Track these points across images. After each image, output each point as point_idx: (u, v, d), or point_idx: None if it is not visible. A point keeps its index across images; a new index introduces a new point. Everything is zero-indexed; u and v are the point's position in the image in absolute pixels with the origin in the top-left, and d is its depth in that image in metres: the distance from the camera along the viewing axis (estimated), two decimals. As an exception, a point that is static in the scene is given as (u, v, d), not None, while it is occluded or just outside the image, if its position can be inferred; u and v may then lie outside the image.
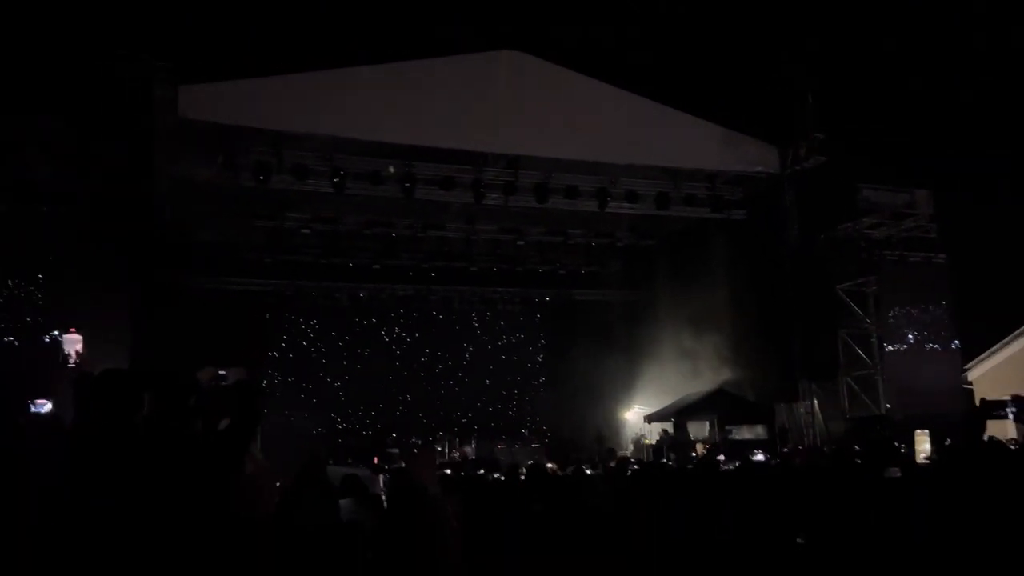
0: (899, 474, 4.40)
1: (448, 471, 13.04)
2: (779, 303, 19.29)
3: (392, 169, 17.07)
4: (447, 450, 20.61)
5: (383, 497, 5.77)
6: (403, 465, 15.35)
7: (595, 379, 23.00)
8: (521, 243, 21.86)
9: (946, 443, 13.30)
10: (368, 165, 17.12)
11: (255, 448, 4.87)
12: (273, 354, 22.93)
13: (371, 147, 16.79)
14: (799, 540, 3.30)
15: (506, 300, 24.41)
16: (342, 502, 5.46)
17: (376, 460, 17.59)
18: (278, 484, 7.54)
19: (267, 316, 22.62)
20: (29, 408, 8.50)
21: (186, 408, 3.46)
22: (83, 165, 13.49)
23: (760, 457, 14.84)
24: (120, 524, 2.94)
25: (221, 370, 3.83)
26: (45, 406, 8.35)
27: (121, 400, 3.26)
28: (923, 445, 13.34)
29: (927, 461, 11.64)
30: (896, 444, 12.32)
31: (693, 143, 18.55)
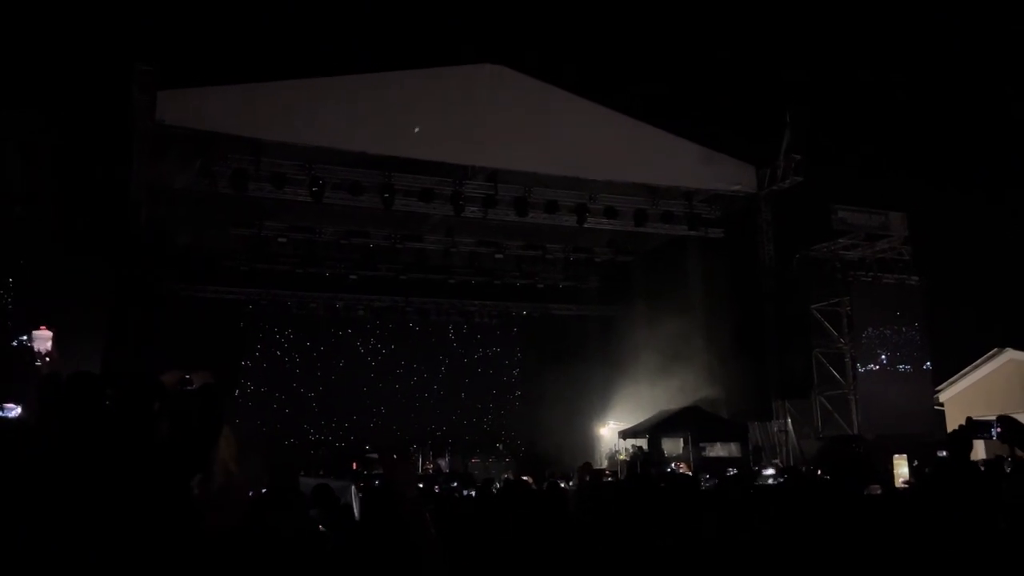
0: (879, 491, 4.42)
1: (420, 485, 12.93)
2: (754, 321, 19.41)
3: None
4: (421, 463, 20.45)
5: (354, 507, 5.70)
6: (380, 472, 15.26)
7: (571, 394, 22.99)
8: (499, 256, 21.85)
9: (915, 465, 13.45)
10: (347, 175, 17.05)
11: (229, 457, 4.81)
12: (247, 363, 22.68)
13: (350, 157, 16.73)
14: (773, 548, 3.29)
15: (483, 313, 24.37)
16: (311, 512, 5.40)
17: (355, 466, 17.43)
18: (250, 494, 7.43)
19: (241, 324, 22.39)
20: (-2, 411, 8.35)
21: (151, 412, 3.40)
22: (59, 166, 13.33)
23: (733, 471, 14.83)
24: (81, 531, 2.87)
25: (187, 374, 3.77)
26: (14, 410, 8.19)
27: (86, 404, 3.20)
28: (901, 469, 13.43)
29: (905, 485, 11.72)
30: (873, 463, 12.40)
31: (672, 161, 18.69)
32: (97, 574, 2.79)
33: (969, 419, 4.58)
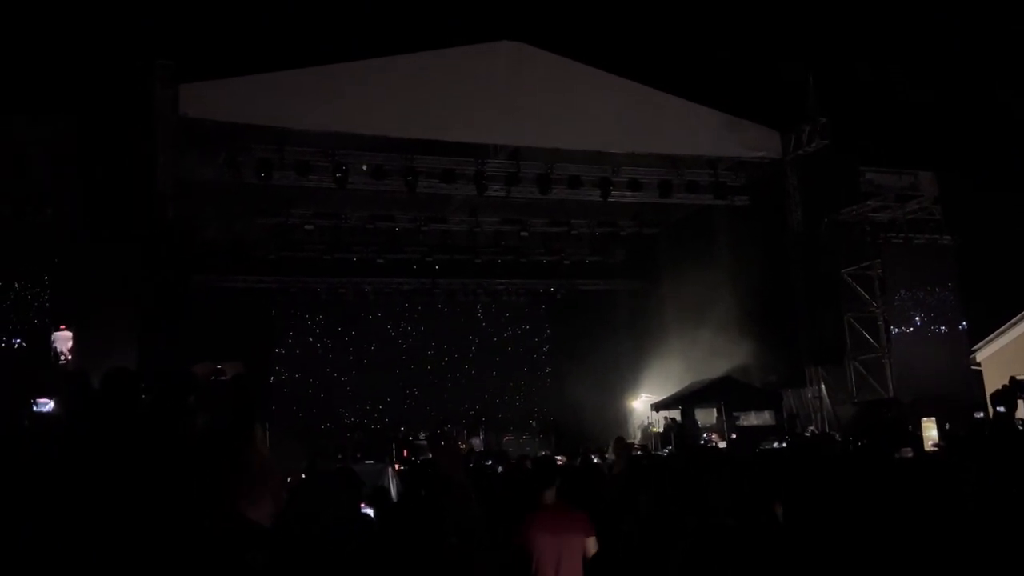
0: (911, 454, 4.40)
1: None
2: (784, 288, 19.25)
3: (364, 167, 16.96)
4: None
5: (392, 489, 5.79)
6: (430, 456, 15.40)
7: (601, 368, 23.02)
8: (525, 234, 21.84)
9: (946, 428, 13.29)
10: (370, 160, 17.11)
11: (262, 445, 4.89)
12: (279, 350, 22.98)
13: (373, 142, 16.78)
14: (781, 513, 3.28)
15: (511, 292, 24.41)
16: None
17: (405, 453, 17.62)
18: (288, 479, 7.56)
19: (272, 313, 22.66)
20: (32, 408, 8.53)
21: (186, 405, 3.47)
22: (85, 166, 13.50)
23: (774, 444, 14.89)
24: (122, 522, 2.94)
25: (218, 365, 3.84)
26: (47, 405, 8.38)
27: (123, 400, 3.27)
28: (930, 432, 13.28)
29: (935, 448, 11.60)
30: (907, 427, 12.30)
31: (695, 130, 18.51)
32: (134, 565, 2.87)
33: (1013, 379, 4.51)
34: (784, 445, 14.99)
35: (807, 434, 17.02)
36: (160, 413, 3.35)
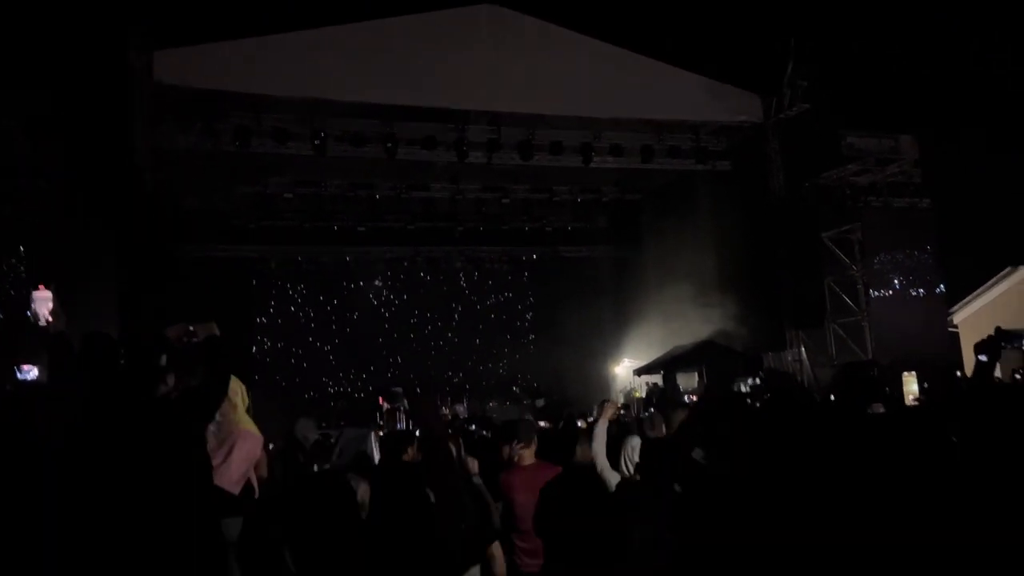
0: (882, 410, 4.46)
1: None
2: (766, 252, 19.35)
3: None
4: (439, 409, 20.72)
5: (375, 453, 5.82)
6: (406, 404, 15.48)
7: (584, 335, 23.14)
8: (506, 201, 21.76)
9: (925, 387, 13.50)
10: (349, 126, 16.95)
11: (245, 414, 4.89)
12: (262, 320, 22.92)
13: (351, 108, 16.60)
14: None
15: (493, 259, 24.41)
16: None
17: (381, 400, 17.72)
18: (271, 447, 7.57)
19: (254, 282, 22.56)
20: (15, 375, 8.48)
21: (157, 367, 3.46)
22: (61, 137, 13.31)
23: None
24: (104, 485, 2.95)
25: (191, 327, 3.81)
26: (31, 372, 8.33)
27: (102, 363, 3.26)
28: (911, 386, 13.49)
29: (915, 403, 11.81)
30: (884, 386, 12.46)
31: (676, 94, 18.43)
32: (113, 530, 2.88)
33: (999, 328, 4.52)
34: (757, 382, 15.10)
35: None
36: (133, 375, 3.34)
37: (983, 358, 4.15)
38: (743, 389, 15.65)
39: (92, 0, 14.36)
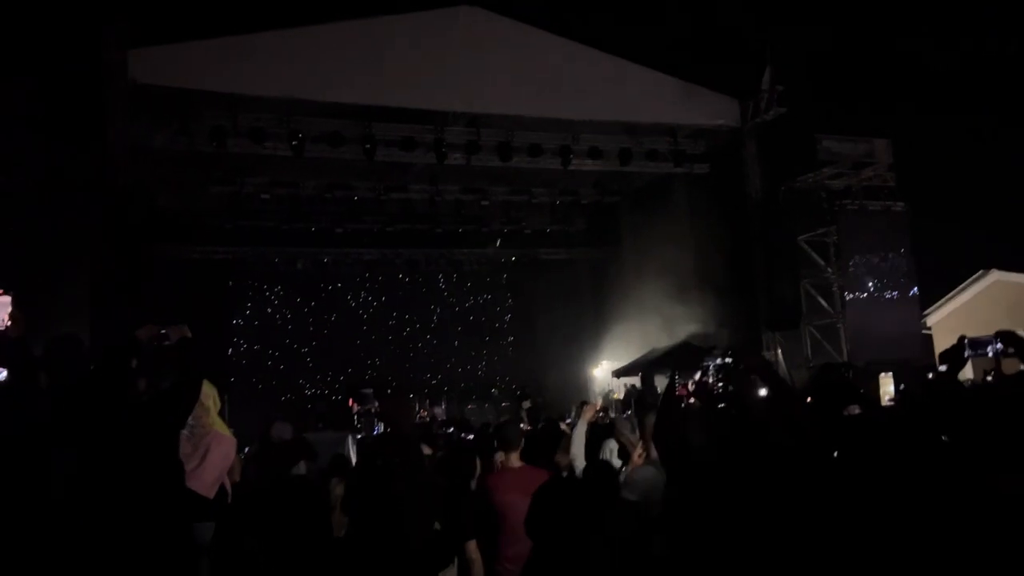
0: (858, 411, 4.48)
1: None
2: (742, 255, 19.47)
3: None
4: (417, 412, 20.64)
5: (352, 456, 5.77)
6: (377, 406, 15.33)
7: (563, 337, 23.16)
8: (485, 203, 21.73)
9: (901, 388, 13.60)
10: (326, 127, 16.84)
11: (218, 417, 4.83)
12: (238, 321, 22.73)
13: (329, 108, 16.50)
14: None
15: (472, 261, 24.37)
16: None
17: (351, 402, 17.60)
18: (246, 450, 7.49)
19: (230, 283, 22.37)
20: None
21: (128, 370, 3.41)
22: (33, 135, 13.12)
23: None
24: (71, 487, 2.89)
25: (162, 329, 3.75)
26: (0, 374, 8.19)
27: (69, 365, 3.20)
28: (887, 387, 13.60)
29: (891, 403, 11.91)
30: (858, 388, 12.52)
31: (654, 97, 18.51)
32: (83, 533, 2.83)
33: (963, 337, 4.55)
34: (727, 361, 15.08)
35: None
36: (103, 378, 3.28)
37: (942, 368, 4.17)
38: (711, 369, 15.66)
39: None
